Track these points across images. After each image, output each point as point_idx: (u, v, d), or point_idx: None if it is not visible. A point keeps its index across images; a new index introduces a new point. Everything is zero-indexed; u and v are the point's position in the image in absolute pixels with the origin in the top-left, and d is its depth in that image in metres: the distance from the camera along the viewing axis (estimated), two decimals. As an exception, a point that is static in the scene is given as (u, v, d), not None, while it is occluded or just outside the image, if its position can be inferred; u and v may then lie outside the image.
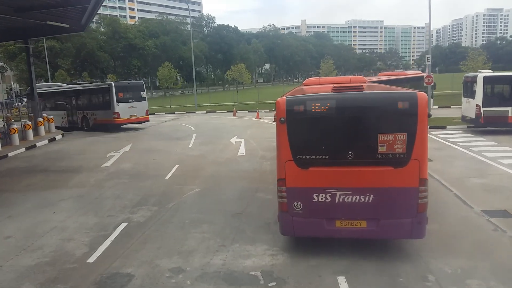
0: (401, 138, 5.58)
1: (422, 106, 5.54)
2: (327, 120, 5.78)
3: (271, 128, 21.55)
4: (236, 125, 23.44)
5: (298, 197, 5.99)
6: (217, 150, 15.71)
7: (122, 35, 63.59)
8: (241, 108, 34.86)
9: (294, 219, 6.06)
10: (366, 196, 5.77)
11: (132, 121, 22.66)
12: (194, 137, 19.30)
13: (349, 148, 5.75)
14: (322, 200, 5.89)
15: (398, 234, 6.09)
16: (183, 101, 39.93)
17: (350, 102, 5.85)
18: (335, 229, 6.01)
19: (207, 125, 24.01)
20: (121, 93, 22.25)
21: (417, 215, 5.75)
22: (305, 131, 5.88)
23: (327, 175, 5.85)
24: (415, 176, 5.65)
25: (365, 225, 5.92)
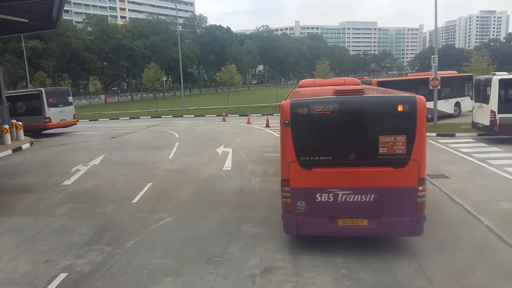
0: (401, 139, 5.80)
1: (421, 109, 5.78)
2: (330, 123, 5.99)
3: (262, 135, 19.63)
4: (224, 132, 21.48)
5: (301, 197, 6.18)
6: (200, 163, 13.75)
7: (110, 35, 61.34)
8: (232, 111, 32.89)
9: (298, 218, 6.25)
10: (367, 196, 5.99)
11: (61, 125, 23.56)
12: (176, 146, 17.30)
13: (351, 149, 5.95)
14: (325, 200, 6.10)
15: (398, 232, 6.30)
16: (170, 104, 37.80)
17: (352, 105, 6.03)
18: (337, 228, 6.21)
19: (192, 132, 22.02)
20: (50, 98, 22.87)
21: (416, 213, 5.99)
22: (308, 133, 6.06)
23: (330, 175, 6.05)
24: (414, 176, 5.89)
25: (366, 224, 6.11)
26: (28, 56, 48.25)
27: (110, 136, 21.24)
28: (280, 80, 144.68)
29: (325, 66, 30.01)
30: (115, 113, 35.61)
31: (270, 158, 14.02)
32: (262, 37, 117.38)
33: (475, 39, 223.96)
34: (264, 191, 10.14)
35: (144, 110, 36.41)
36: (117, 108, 43.37)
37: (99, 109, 42.37)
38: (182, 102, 34.05)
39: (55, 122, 22.90)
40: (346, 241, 6.64)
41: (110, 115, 34.79)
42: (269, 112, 31.15)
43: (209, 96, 54.66)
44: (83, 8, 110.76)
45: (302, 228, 6.32)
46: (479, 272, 5.77)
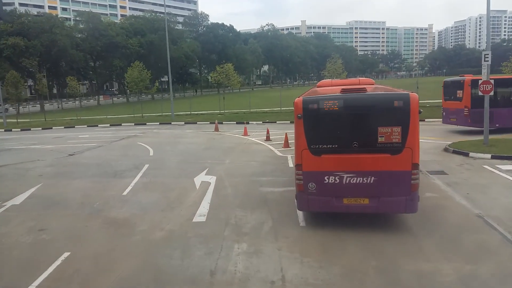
0: (396, 130, 6.82)
1: (414, 104, 6.79)
2: (336, 116, 7.08)
3: (260, 153, 15.08)
4: (212, 148, 16.98)
5: (312, 179, 7.24)
6: (163, 205, 9.26)
7: (102, 32, 57.09)
8: (229, 118, 28.37)
9: (309, 197, 7.33)
10: (368, 178, 7.00)
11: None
12: (143, 170, 12.84)
13: (354, 138, 7.03)
14: (332, 182, 7.14)
15: (395, 209, 7.38)
16: (159, 109, 33.33)
17: (355, 102, 7.15)
18: (342, 205, 7.25)
19: (173, 147, 17.52)
20: None
21: (411, 194, 6.95)
22: (318, 125, 7.18)
23: (336, 161, 7.11)
24: (408, 162, 6.85)
25: (368, 202, 7.12)
26: (9, 55, 44.31)
27: (68, 153, 16.82)
28: (285, 81, 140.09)
29: (338, 66, 25.47)
30: (96, 119, 31.18)
31: (268, 197, 9.55)
32: (267, 36, 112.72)
33: (485, 39, 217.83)
34: (249, 284, 5.63)
35: (129, 115, 31.94)
36: (103, 112, 39.08)
37: (85, 113, 38.15)
38: (171, 107, 29.55)
39: None
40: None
41: (90, 121, 30.42)
42: (272, 119, 26.59)
43: (207, 99, 50.18)
44: (81, 6, 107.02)
45: (313, 206, 7.48)
46: None
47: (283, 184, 10.63)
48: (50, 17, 51.07)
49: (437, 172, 11.38)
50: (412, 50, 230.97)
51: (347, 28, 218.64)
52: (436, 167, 11.93)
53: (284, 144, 16.23)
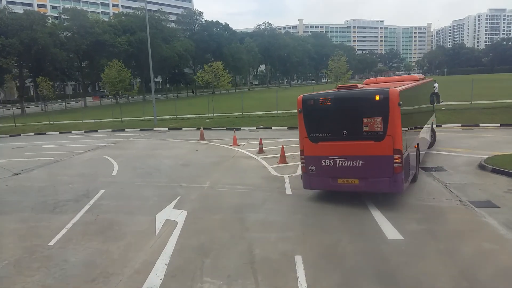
0: (378, 120, 7.72)
1: (393, 98, 7.62)
2: (329, 109, 8.28)
3: (250, 171, 11.98)
4: (192, 163, 13.84)
5: (312, 162, 8.50)
6: (96, 271, 6.13)
7: (89, 30, 53.75)
8: (218, 123, 25.22)
9: (310, 177, 8.64)
10: (357, 162, 8.01)
11: None
12: (93, 200, 9.71)
13: (343, 128, 8.16)
14: (327, 165, 8.29)
15: (381, 189, 8.18)
16: (141, 113, 30.01)
17: (343, 97, 8.33)
18: (337, 185, 8.35)
19: (144, 163, 14.33)
20: None
21: (393, 175, 7.79)
22: (314, 117, 8.45)
23: (330, 147, 8.27)
24: (390, 147, 7.72)
25: (358, 182, 8.13)
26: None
27: (14, 171, 13.63)
28: (283, 81, 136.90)
29: (342, 64, 22.34)
30: (71, 124, 27.83)
31: (256, 253, 6.44)
32: (263, 35, 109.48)
33: (484, 38, 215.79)
34: None
35: (108, 120, 28.59)
36: (86, 115, 35.75)
37: (64, 117, 34.90)
38: (154, 112, 26.32)
39: None
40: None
41: (64, 127, 27.19)
42: (266, 124, 23.44)
43: (200, 100, 46.87)
44: (72, 3, 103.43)
45: (314, 185, 8.78)
46: None
47: (279, 227, 7.52)
48: (30, 14, 47.71)
49: (484, 203, 8.30)
50: (410, 50, 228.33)
51: (345, 27, 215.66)
52: (479, 194, 8.87)
53: (280, 159, 13.12)
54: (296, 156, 14.03)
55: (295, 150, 15.09)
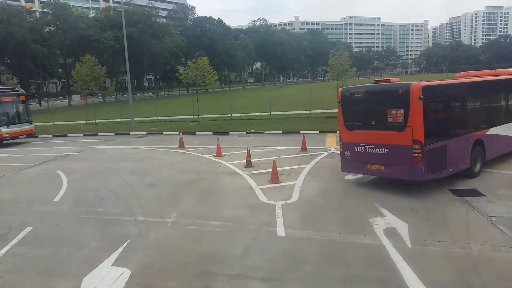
0: (400, 112, 8.43)
1: (413, 92, 8.22)
2: (361, 101, 9.37)
3: (232, 198, 9.19)
4: (162, 182, 11.05)
5: (347, 148, 9.50)
6: None
7: (72, 24, 50.58)
8: (204, 127, 22.40)
9: (346, 162, 9.64)
10: (382, 149, 8.82)
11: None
12: (9, 246, 6.93)
13: (372, 118, 9.12)
14: (359, 151, 9.20)
15: (402, 176, 8.85)
16: (118, 114, 26.97)
17: (372, 90, 9.24)
18: (367, 169, 9.32)
19: (101, 181, 11.43)
20: None
21: (412, 164, 8.39)
22: (350, 107, 9.54)
23: (361, 135, 9.21)
24: (410, 138, 8.34)
25: (383, 168, 8.94)
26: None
27: None
28: (278, 78, 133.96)
29: (344, 59, 19.67)
30: (39, 127, 24.58)
31: None
32: (259, 32, 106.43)
33: (481, 35, 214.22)
34: None
35: (81, 122, 25.38)
36: (63, 116, 32.67)
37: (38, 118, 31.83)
38: (130, 113, 23.42)
39: None
40: None
41: (33, 130, 24.17)
42: (258, 128, 20.69)
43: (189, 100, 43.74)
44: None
45: (349, 168, 9.79)
46: None
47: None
48: (7, 7, 44.50)
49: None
50: (407, 47, 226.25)
51: (341, 24, 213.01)
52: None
53: (271, 178, 10.39)
54: (292, 171, 11.33)
55: (290, 163, 12.40)
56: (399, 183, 9.90)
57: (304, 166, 11.98)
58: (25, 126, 20.68)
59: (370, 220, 7.46)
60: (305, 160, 12.95)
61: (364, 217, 7.65)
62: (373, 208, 8.16)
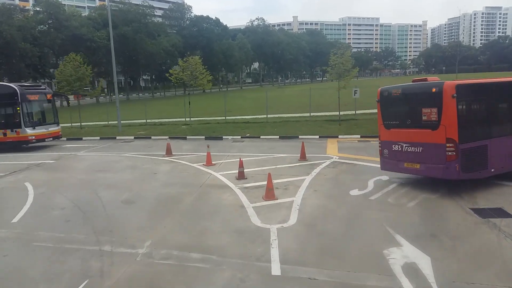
0: (434, 111, 8.51)
1: (447, 91, 8.27)
2: (398, 100, 9.51)
3: (220, 220, 7.73)
4: (139, 199, 9.64)
5: (385, 146, 9.63)
6: None
7: (64, 23, 49.08)
8: (196, 130, 21.00)
9: (384, 160, 9.75)
10: (417, 148, 8.90)
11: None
12: None
13: (408, 117, 9.25)
14: (396, 149, 9.30)
15: (436, 174, 8.86)
16: (105, 116, 25.42)
17: (408, 89, 9.40)
18: (403, 168, 9.29)
19: (70, 198, 9.96)
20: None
21: (446, 163, 8.39)
22: (387, 106, 9.67)
23: (398, 133, 9.31)
24: (443, 136, 8.39)
25: (419, 167, 8.94)
26: None
27: None
28: (276, 78, 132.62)
29: (346, 59, 18.37)
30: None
31: None
32: (256, 32, 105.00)
33: (480, 36, 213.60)
34: None
35: (66, 125, 23.81)
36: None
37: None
38: (118, 117, 21.93)
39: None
40: None
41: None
42: (254, 133, 19.34)
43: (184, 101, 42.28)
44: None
45: (387, 167, 9.77)
46: None
47: None
48: (-5, 5, 43.09)
49: None
50: (406, 47, 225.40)
51: (340, 25, 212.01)
52: None
53: (266, 193, 9.03)
54: (290, 185, 9.98)
55: (287, 174, 11.06)
56: (413, 199, 8.62)
57: (303, 178, 10.64)
58: (52, 128, 18.80)
59: (385, 252, 6.12)
60: (304, 170, 11.61)
61: (376, 248, 6.30)
62: (386, 234, 6.82)
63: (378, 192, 9.20)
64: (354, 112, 23.37)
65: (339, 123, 20.15)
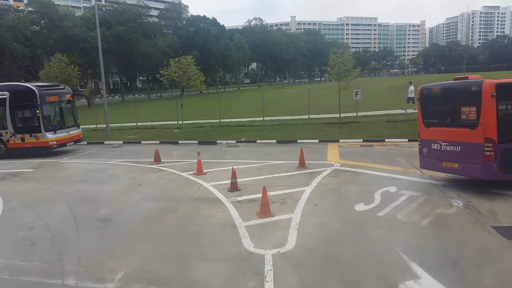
0: (473, 110, 8.43)
1: (486, 90, 8.16)
2: (437, 98, 9.45)
3: (208, 245, 6.56)
4: (117, 217, 8.57)
5: (425, 145, 9.63)
6: None
7: (57, 23, 47.96)
8: (188, 134, 19.95)
9: (424, 159, 9.78)
10: (456, 147, 8.85)
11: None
12: None
13: (447, 115, 9.19)
14: (435, 148, 9.30)
15: (474, 174, 8.81)
16: (93, 119, 24.26)
17: (448, 87, 9.30)
18: (442, 167, 9.33)
19: (41, 215, 8.85)
20: None
21: (484, 163, 8.29)
22: (427, 104, 9.67)
23: (437, 132, 9.28)
24: (481, 136, 8.30)
25: (457, 166, 8.93)
26: None
27: None
28: (274, 79, 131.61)
29: (347, 58, 17.29)
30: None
31: None
32: (254, 31, 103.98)
33: (478, 36, 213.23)
34: None
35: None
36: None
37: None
38: (106, 120, 20.82)
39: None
40: None
41: None
42: (250, 137, 18.31)
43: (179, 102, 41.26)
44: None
45: (426, 165, 9.83)
46: None
47: None
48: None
49: None
50: (404, 47, 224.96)
51: (338, 24, 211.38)
52: None
53: (260, 210, 8.01)
54: (288, 198, 8.94)
55: (285, 184, 10.05)
56: (426, 216, 7.62)
57: (302, 190, 9.61)
58: (73, 131, 17.19)
59: (401, 287, 5.11)
60: (303, 180, 10.58)
61: (390, 281, 5.31)
62: (400, 262, 5.82)
63: (387, 207, 8.18)
64: (355, 114, 22.37)
65: (339, 126, 19.13)
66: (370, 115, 22.64)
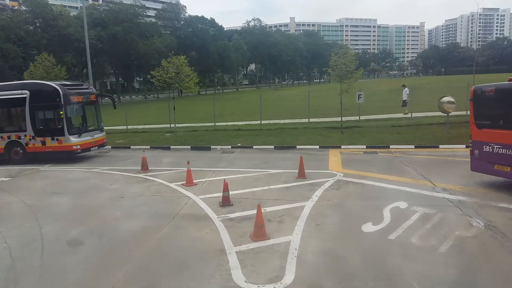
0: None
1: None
2: (491, 99, 9.13)
3: (192, 273, 5.46)
4: (91, 239, 7.52)
5: (476, 147, 9.45)
6: None
7: (51, 22, 46.89)
8: (181, 139, 18.87)
9: (475, 161, 9.58)
10: (508, 150, 8.58)
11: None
12: None
13: (500, 117, 8.92)
14: (487, 150, 9.10)
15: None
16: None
17: (502, 88, 9.04)
18: (494, 170, 9.10)
19: (4, 235, 7.97)
20: None
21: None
22: (480, 105, 9.41)
23: (490, 134, 9.08)
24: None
25: (509, 170, 8.66)
26: None
27: None
28: (273, 80, 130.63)
29: (349, 59, 16.25)
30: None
31: None
32: (253, 32, 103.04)
33: (477, 37, 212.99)
34: None
35: None
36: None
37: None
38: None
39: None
40: None
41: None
42: (246, 142, 17.26)
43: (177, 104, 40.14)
44: None
45: (477, 168, 9.59)
46: None
47: None
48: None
49: None
50: (403, 49, 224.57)
51: (337, 26, 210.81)
52: None
53: (254, 232, 6.99)
54: (285, 215, 7.88)
55: (283, 198, 9.02)
56: (444, 240, 6.65)
57: (302, 205, 8.60)
58: (97, 135, 16.02)
59: None
60: (303, 193, 9.56)
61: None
62: (420, 304, 4.77)
63: (398, 228, 7.17)
64: (357, 118, 21.35)
65: (341, 131, 18.11)
66: (373, 119, 21.61)
